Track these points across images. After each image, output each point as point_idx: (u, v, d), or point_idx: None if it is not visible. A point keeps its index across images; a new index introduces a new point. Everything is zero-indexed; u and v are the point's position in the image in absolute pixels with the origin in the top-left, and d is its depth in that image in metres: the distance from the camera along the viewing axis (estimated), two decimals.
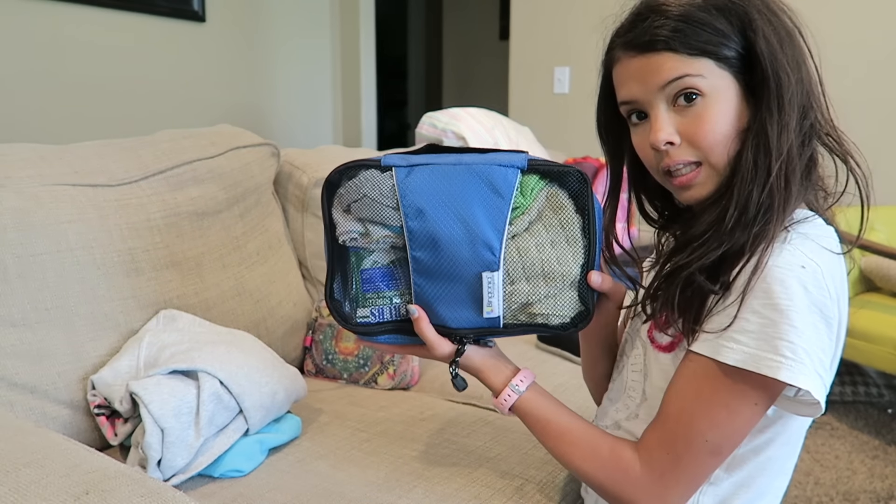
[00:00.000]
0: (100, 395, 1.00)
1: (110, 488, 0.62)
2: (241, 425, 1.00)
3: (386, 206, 0.72)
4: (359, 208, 0.73)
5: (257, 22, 3.20)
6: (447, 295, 0.74)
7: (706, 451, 0.68)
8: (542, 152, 2.26)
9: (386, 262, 0.75)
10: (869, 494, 1.84)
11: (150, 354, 1.03)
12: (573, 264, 0.73)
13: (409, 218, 0.71)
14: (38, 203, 1.02)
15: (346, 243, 0.75)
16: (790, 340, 0.63)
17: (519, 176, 0.72)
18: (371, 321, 0.77)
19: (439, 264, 0.72)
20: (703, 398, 0.68)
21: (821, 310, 0.64)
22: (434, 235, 0.71)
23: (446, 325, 0.75)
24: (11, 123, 2.38)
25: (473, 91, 5.06)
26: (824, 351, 0.65)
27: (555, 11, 3.30)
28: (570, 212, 0.73)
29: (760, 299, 0.64)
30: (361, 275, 0.76)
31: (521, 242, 0.73)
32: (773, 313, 0.63)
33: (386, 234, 0.73)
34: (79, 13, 2.52)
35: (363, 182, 0.72)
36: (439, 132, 2.07)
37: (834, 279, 0.66)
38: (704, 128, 0.68)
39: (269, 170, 1.41)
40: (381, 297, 0.76)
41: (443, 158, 0.72)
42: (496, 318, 0.74)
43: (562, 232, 0.73)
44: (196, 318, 1.14)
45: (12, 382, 0.96)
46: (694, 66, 0.67)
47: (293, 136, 3.45)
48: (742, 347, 0.65)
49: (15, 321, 0.97)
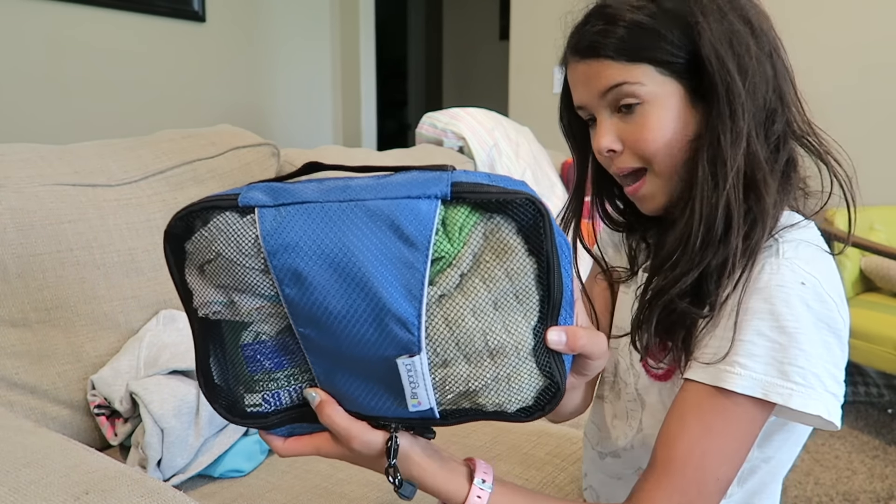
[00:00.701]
0: (100, 395, 1.00)
1: (110, 488, 0.62)
2: (236, 428, 1.00)
3: (250, 269, 0.50)
4: (214, 272, 0.51)
5: (257, 22, 3.21)
6: (357, 383, 0.53)
7: (717, 491, 0.62)
8: (543, 152, 2.26)
9: (273, 333, 0.53)
10: (869, 494, 1.84)
11: (150, 354, 1.03)
12: (526, 329, 0.50)
13: (284, 285, 0.49)
14: (38, 203, 1.02)
15: (209, 317, 0.53)
16: (800, 366, 0.59)
17: (440, 210, 0.48)
18: (264, 410, 0.55)
19: (337, 346, 0.50)
20: (713, 432, 0.61)
21: (827, 324, 0.61)
22: (322, 309, 0.49)
23: (363, 413, 0.54)
24: (11, 123, 2.38)
25: (473, 91, 5.06)
26: (837, 366, 0.62)
27: (555, 11, 3.29)
28: (520, 256, 0.49)
29: (766, 321, 0.60)
30: (242, 352, 0.54)
31: (450, 308, 0.50)
32: (782, 336, 0.60)
33: (258, 305, 0.52)
34: (79, 13, 2.52)
35: (215, 234, 0.50)
36: (439, 132, 2.07)
37: (832, 285, 0.62)
38: (645, 135, 0.66)
39: (269, 170, 1.41)
40: (273, 378, 0.55)
41: (327, 188, 0.50)
42: (429, 410, 0.53)
43: (509, 285, 0.49)
44: None
45: (12, 382, 0.96)
46: (633, 73, 0.65)
47: (293, 136, 3.45)
48: (750, 373, 0.60)
49: (15, 321, 0.97)
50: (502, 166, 1.99)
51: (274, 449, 0.58)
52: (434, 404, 0.52)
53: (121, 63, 2.68)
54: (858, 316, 2.15)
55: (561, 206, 2.01)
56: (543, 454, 1.02)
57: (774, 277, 0.61)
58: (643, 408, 0.75)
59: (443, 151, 1.97)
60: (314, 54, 3.54)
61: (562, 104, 0.75)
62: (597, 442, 0.84)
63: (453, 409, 0.54)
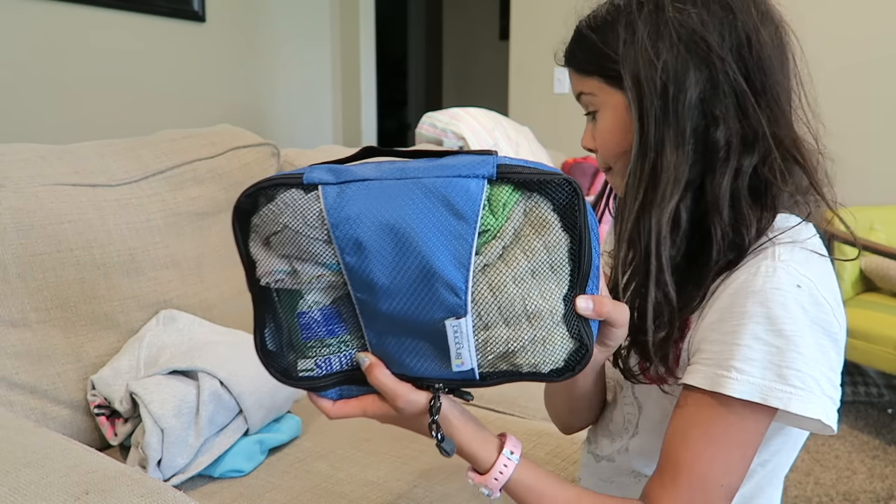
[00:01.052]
0: (100, 395, 1.00)
1: (110, 488, 0.62)
2: (240, 425, 1.00)
3: (314, 240, 0.56)
4: (280, 243, 0.57)
5: (257, 22, 3.21)
6: (406, 345, 0.58)
7: (722, 498, 0.62)
8: (542, 152, 2.26)
9: (327, 303, 0.59)
10: (869, 494, 1.84)
11: (150, 355, 1.03)
12: (559, 296, 0.56)
13: (345, 254, 0.55)
14: (38, 203, 1.02)
15: (270, 286, 0.59)
16: (798, 369, 0.59)
17: (486, 188, 0.54)
18: (316, 374, 0.60)
19: (391, 309, 0.56)
20: (715, 441, 0.62)
21: (823, 328, 0.60)
22: (379, 276, 0.55)
23: (408, 374, 0.59)
24: (11, 123, 2.38)
25: (473, 91, 5.06)
26: (833, 369, 0.62)
27: (555, 11, 3.30)
28: (556, 230, 0.55)
29: (763, 325, 0.60)
30: (298, 319, 0.59)
31: (493, 276, 0.56)
32: (779, 340, 0.59)
33: (319, 273, 0.57)
34: (79, 13, 2.52)
35: (282, 208, 0.56)
36: (439, 132, 2.07)
37: (828, 288, 0.62)
38: (600, 140, 0.72)
39: (269, 170, 1.41)
40: (326, 345, 0.60)
41: (383, 169, 0.56)
42: (470, 371, 0.58)
43: (546, 256, 0.55)
44: (196, 318, 1.14)
45: (12, 382, 0.96)
46: (588, 84, 0.71)
47: (293, 136, 3.45)
48: (747, 378, 0.60)
49: (15, 321, 0.97)
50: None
51: (323, 411, 0.62)
52: (475, 365, 0.58)
53: (121, 63, 2.68)
54: (858, 316, 2.15)
55: None
56: (543, 454, 1.02)
57: (770, 280, 0.60)
58: (640, 412, 0.75)
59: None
60: (314, 54, 3.54)
61: None
62: (594, 445, 0.84)
63: (491, 371, 0.59)
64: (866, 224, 2.41)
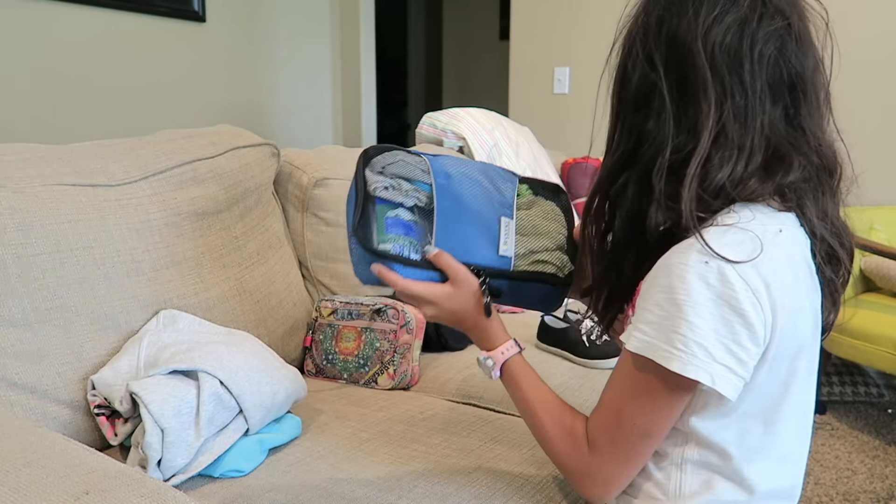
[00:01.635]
0: (100, 395, 1.00)
1: (110, 488, 0.62)
2: (241, 425, 1.00)
3: (418, 169, 0.89)
4: (393, 168, 0.88)
5: (257, 22, 3.21)
6: (468, 234, 0.87)
7: (637, 434, 0.74)
8: (542, 152, 2.26)
9: (409, 219, 0.86)
10: (869, 494, 1.84)
11: (150, 354, 1.03)
12: (561, 233, 0.94)
13: (438, 177, 0.88)
14: (38, 203, 1.02)
15: (375, 192, 0.85)
16: (683, 334, 0.68)
17: (516, 181, 0.96)
18: (391, 251, 0.83)
19: (461, 212, 0.87)
20: (627, 386, 0.75)
21: (728, 303, 0.67)
22: (459, 190, 0.89)
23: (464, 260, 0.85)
24: (11, 123, 2.38)
25: (473, 91, 5.06)
26: (738, 342, 0.68)
27: (555, 11, 3.30)
28: (552, 206, 0.96)
29: (663, 293, 0.69)
30: (385, 220, 0.85)
31: (523, 213, 0.94)
32: (671, 307, 0.68)
33: (414, 188, 0.87)
34: (79, 13, 2.52)
35: (398, 154, 0.88)
36: (439, 132, 2.07)
37: (752, 270, 0.67)
38: None
39: (269, 170, 1.41)
40: (403, 238, 0.85)
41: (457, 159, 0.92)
42: (509, 259, 0.89)
43: (552, 212, 0.95)
44: (196, 319, 1.14)
45: (12, 382, 0.96)
46: None
47: (293, 136, 3.45)
48: (643, 336, 0.71)
49: (15, 321, 0.97)
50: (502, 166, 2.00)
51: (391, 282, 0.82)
52: (513, 254, 0.90)
53: (121, 63, 2.68)
54: (858, 316, 2.15)
55: None
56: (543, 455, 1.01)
57: (680, 256, 0.69)
58: None
59: (443, 151, 1.97)
60: (314, 54, 3.54)
61: None
62: None
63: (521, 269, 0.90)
64: (866, 224, 2.41)
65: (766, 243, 0.69)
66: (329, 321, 1.38)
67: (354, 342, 1.34)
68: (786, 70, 0.71)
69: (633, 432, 0.75)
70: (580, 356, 1.43)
